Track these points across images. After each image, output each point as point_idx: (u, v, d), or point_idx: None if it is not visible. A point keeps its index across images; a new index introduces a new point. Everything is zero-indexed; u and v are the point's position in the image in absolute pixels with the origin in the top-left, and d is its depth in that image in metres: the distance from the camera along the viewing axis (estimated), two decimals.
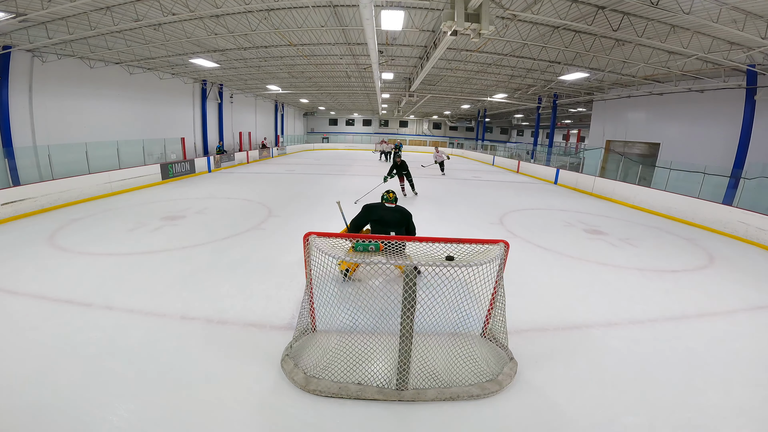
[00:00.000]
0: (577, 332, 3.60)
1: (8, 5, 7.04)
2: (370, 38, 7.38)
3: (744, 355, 3.32)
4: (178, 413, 2.41)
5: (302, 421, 2.39)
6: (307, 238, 2.84)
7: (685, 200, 9.17)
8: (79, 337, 3.23)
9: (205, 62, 12.67)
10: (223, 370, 2.84)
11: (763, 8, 6.63)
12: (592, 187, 12.91)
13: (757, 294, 4.76)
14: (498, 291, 3.04)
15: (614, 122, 16.56)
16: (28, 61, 10.04)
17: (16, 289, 4.18)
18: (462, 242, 2.78)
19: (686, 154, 12.22)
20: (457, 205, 9.99)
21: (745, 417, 2.54)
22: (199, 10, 8.12)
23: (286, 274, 4.69)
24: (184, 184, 12.52)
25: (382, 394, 2.58)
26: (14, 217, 7.31)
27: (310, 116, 40.35)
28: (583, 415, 2.51)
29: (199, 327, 3.45)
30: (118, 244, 5.83)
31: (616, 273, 5.28)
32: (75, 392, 2.55)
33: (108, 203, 9.02)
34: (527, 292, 4.45)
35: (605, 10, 7.60)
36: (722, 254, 6.49)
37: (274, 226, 7.19)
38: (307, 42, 11.28)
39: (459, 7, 5.41)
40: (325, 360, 2.87)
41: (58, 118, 11.07)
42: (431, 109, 32.34)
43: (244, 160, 19.79)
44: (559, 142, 33.26)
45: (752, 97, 10.16)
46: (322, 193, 11.05)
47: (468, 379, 2.74)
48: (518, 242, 6.55)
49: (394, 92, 20.80)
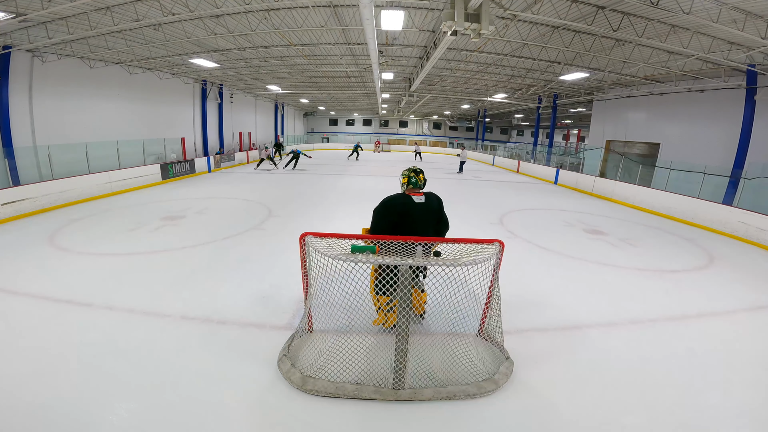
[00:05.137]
0: (577, 332, 3.59)
1: (8, 5, 7.04)
2: (370, 38, 7.38)
3: (744, 355, 3.32)
4: (177, 413, 2.41)
5: (300, 420, 2.39)
6: (303, 238, 2.83)
7: (685, 200, 9.17)
8: (79, 337, 3.23)
9: (205, 62, 12.67)
10: (223, 370, 2.84)
11: (763, 8, 6.62)
12: (592, 187, 12.91)
13: (757, 294, 4.76)
14: (493, 290, 3.03)
15: (614, 122, 16.56)
16: (28, 61, 10.04)
17: (16, 289, 4.18)
18: (457, 242, 2.77)
19: (686, 154, 12.21)
20: (457, 205, 9.98)
21: (745, 417, 2.54)
22: (199, 10, 8.12)
23: (286, 275, 4.69)
24: (184, 184, 12.53)
25: (379, 393, 2.59)
26: (14, 217, 7.32)
27: (310, 116, 40.35)
28: (583, 415, 2.50)
29: (198, 327, 3.46)
30: (118, 244, 5.83)
31: (616, 273, 5.28)
32: (75, 392, 2.55)
33: (108, 203, 9.02)
34: (527, 292, 4.44)
35: (605, 10, 7.60)
36: (722, 254, 6.49)
37: (274, 226, 7.19)
38: (307, 42, 11.28)
39: (459, 7, 5.41)
40: (322, 360, 2.87)
41: (58, 118, 11.07)
42: (431, 109, 32.33)
43: (244, 160, 19.80)
44: (559, 142, 33.26)
45: (752, 97, 10.15)
46: (322, 193, 11.06)
47: (465, 378, 2.74)
48: (518, 242, 6.55)
49: (394, 92, 20.80)
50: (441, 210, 3.10)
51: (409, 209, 2.89)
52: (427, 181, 3.15)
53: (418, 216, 2.90)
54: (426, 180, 3.12)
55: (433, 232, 3.04)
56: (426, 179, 3.12)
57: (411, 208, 2.90)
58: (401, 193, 3.05)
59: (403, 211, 2.90)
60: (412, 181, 3.02)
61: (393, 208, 2.91)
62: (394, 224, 2.88)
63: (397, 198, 2.95)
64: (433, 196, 3.07)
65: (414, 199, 2.93)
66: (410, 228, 2.87)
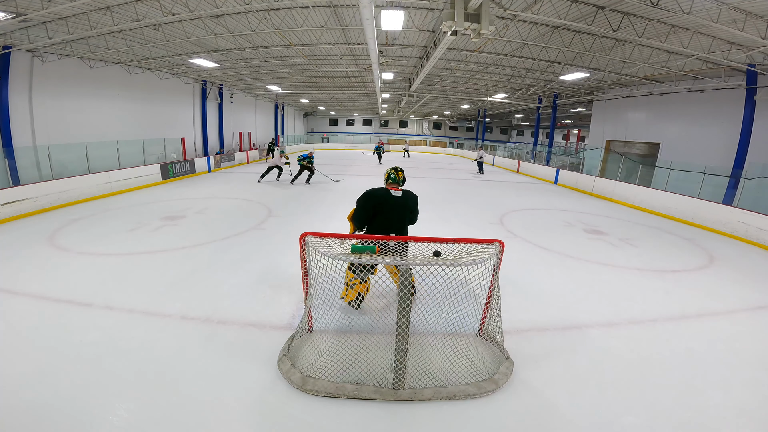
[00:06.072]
0: (577, 332, 3.59)
1: (8, 5, 7.04)
2: (370, 38, 7.39)
3: (744, 355, 3.32)
4: (177, 413, 2.41)
5: (300, 420, 2.39)
6: (303, 238, 2.84)
7: (686, 200, 9.16)
8: (79, 337, 3.23)
9: (205, 62, 12.68)
10: (223, 370, 2.84)
11: (763, 8, 6.62)
12: (592, 187, 12.91)
13: (757, 294, 4.76)
14: (493, 290, 3.04)
15: (614, 122, 16.56)
16: (28, 61, 10.04)
17: (16, 289, 4.18)
18: (457, 242, 2.77)
19: (686, 154, 12.22)
20: (457, 205, 9.98)
21: (745, 417, 2.54)
22: (199, 10, 8.13)
23: (286, 274, 4.69)
24: (184, 184, 12.52)
25: (378, 393, 2.59)
26: (14, 217, 7.31)
27: (310, 116, 40.36)
28: (583, 415, 2.50)
29: (198, 327, 3.45)
30: (118, 244, 5.83)
31: (616, 273, 5.28)
32: (75, 392, 2.55)
33: (108, 203, 9.02)
34: (527, 292, 4.44)
35: (605, 10, 7.60)
36: (722, 254, 6.49)
37: (274, 226, 7.19)
38: (307, 42, 11.28)
39: (459, 7, 5.41)
40: (322, 360, 2.87)
41: (58, 118, 11.07)
42: (431, 109, 32.33)
43: (244, 160, 19.80)
44: (559, 142, 33.27)
45: (752, 97, 10.16)
46: (323, 193, 11.05)
47: (464, 378, 2.74)
48: (518, 242, 6.55)
49: (394, 92, 20.80)
50: (414, 206, 3.55)
51: (386, 200, 3.37)
52: (406, 179, 3.66)
53: (392, 207, 3.36)
54: (405, 177, 3.60)
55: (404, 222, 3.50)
56: (405, 177, 3.60)
57: (388, 200, 3.36)
58: (382, 187, 3.49)
59: (381, 202, 3.36)
60: (392, 177, 3.52)
61: (374, 199, 3.38)
62: (374, 212, 3.36)
63: (378, 191, 3.41)
64: (409, 193, 3.51)
65: (392, 192, 3.41)
66: (385, 216, 3.35)
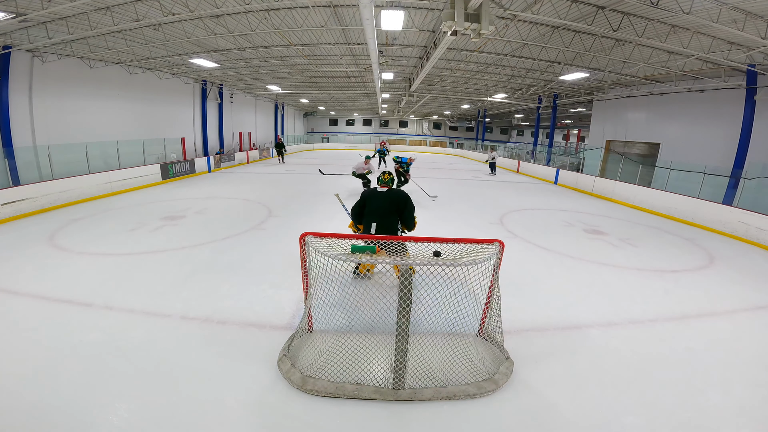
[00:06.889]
0: (577, 332, 3.59)
1: (8, 5, 7.04)
2: (370, 38, 7.38)
3: (744, 355, 3.32)
4: (177, 413, 2.41)
5: (300, 420, 2.39)
6: (303, 238, 2.84)
7: (686, 200, 9.16)
8: (79, 337, 3.23)
9: (205, 62, 12.67)
10: (223, 370, 2.84)
11: (763, 8, 6.62)
12: (592, 187, 12.91)
13: (757, 294, 4.76)
14: (493, 290, 3.03)
15: (614, 122, 16.55)
16: (28, 61, 10.04)
17: (16, 289, 4.19)
18: (457, 242, 2.77)
19: (686, 154, 12.21)
20: (457, 205, 9.98)
21: (745, 417, 2.54)
22: (199, 10, 8.12)
23: (286, 274, 4.69)
24: (184, 184, 12.53)
25: (379, 393, 2.59)
26: (14, 217, 7.32)
27: (310, 116, 40.33)
28: (583, 415, 2.50)
29: (198, 327, 3.46)
30: (118, 244, 5.83)
31: (616, 273, 5.28)
32: (75, 392, 2.56)
33: (108, 203, 9.02)
34: (527, 292, 4.45)
35: (605, 10, 7.60)
36: (722, 254, 6.49)
37: (274, 226, 7.19)
38: (307, 42, 11.27)
39: (459, 7, 5.40)
40: (322, 360, 2.87)
41: (58, 118, 11.06)
42: (431, 109, 32.32)
43: (244, 161, 19.80)
44: (559, 142, 33.25)
45: (752, 97, 10.15)
46: (322, 193, 11.05)
47: (464, 378, 2.74)
48: (518, 242, 6.55)
49: (394, 92, 20.79)
50: (400, 202, 4.22)
51: (372, 194, 4.28)
52: (394, 180, 4.51)
53: (377, 201, 4.20)
54: (392, 178, 4.42)
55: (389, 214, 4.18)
56: (391, 177, 4.42)
57: (374, 195, 4.26)
58: (373, 187, 4.44)
59: (368, 196, 4.28)
60: (380, 179, 4.42)
61: (364, 194, 4.33)
62: (363, 203, 4.27)
63: (369, 190, 4.38)
64: (396, 191, 4.31)
65: (378, 190, 4.32)
66: (370, 209, 4.18)
